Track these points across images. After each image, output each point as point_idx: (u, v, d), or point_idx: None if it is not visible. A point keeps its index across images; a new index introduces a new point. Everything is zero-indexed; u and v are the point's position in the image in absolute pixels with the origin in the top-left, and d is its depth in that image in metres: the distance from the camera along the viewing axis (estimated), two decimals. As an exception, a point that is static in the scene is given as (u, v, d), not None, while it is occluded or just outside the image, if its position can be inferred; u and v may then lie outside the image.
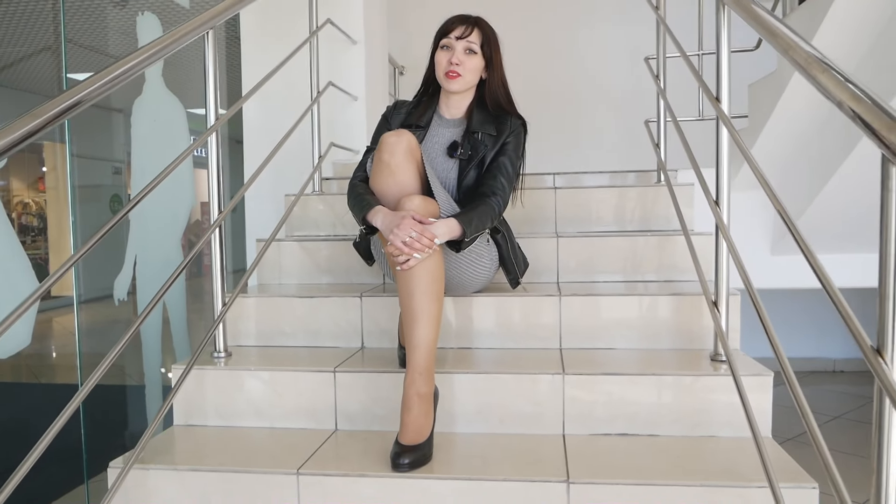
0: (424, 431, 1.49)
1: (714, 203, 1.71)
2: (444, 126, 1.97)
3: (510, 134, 1.89)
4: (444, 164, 1.92)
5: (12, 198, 8.82)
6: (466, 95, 1.95)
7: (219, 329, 1.87)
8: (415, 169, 1.67)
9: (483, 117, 1.92)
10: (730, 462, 1.49)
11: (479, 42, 1.86)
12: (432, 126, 1.97)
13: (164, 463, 1.54)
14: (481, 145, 1.88)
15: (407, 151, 1.65)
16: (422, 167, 1.69)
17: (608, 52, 4.88)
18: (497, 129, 1.89)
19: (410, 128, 1.93)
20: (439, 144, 1.94)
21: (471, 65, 1.86)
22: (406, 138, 1.66)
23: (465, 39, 1.85)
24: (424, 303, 1.53)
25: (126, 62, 1.47)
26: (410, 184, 1.65)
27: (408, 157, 1.65)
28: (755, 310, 1.35)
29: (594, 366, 1.72)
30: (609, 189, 2.45)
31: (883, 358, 0.92)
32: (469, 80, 1.89)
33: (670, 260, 2.20)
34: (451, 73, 1.85)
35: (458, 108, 1.96)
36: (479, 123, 1.91)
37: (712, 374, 1.64)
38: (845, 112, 0.99)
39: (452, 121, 1.97)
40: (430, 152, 1.94)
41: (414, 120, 1.96)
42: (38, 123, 1.19)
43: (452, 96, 1.94)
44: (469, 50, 1.86)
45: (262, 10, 2.98)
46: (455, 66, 1.85)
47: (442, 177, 1.91)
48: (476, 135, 1.89)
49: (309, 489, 1.46)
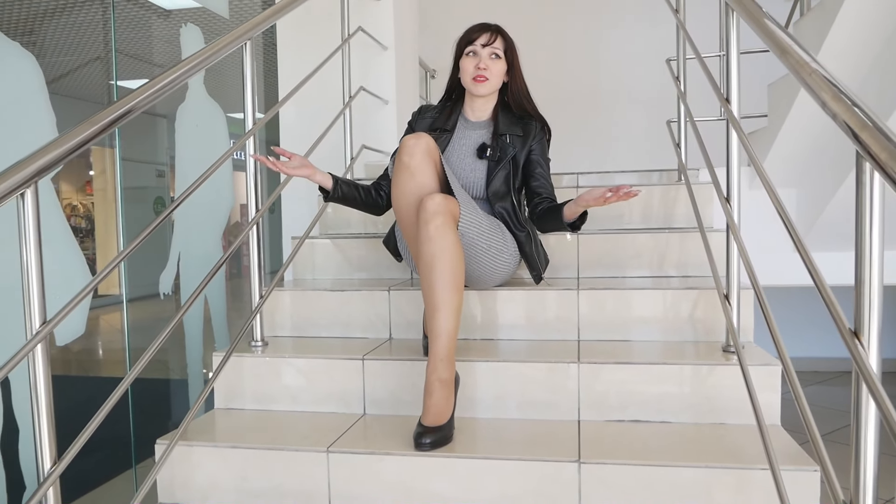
0: (445, 414, 1.59)
1: (725, 200, 1.77)
2: (470, 129, 2.09)
3: (535, 138, 2.03)
4: (472, 164, 2.04)
5: (62, 200, 9.16)
6: (491, 99, 2.08)
7: (256, 320, 2.00)
8: (433, 170, 1.77)
9: (509, 119, 2.06)
10: (735, 447, 1.56)
11: (502, 48, 2.00)
12: (458, 129, 2.10)
13: (206, 440, 1.67)
14: (509, 147, 2.01)
15: (425, 153, 1.75)
16: (440, 168, 1.80)
17: (636, 52, 4.93)
18: (523, 129, 2.04)
19: (436, 131, 2.06)
20: (467, 146, 2.06)
21: (496, 69, 2.00)
22: (424, 140, 1.76)
23: (491, 46, 1.99)
24: (445, 294, 1.62)
25: (172, 72, 1.60)
26: (429, 184, 1.76)
27: (426, 159, 1.75)
28: (759, 305, 1.42)
29: (608, 355, 1.80)
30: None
31: (860, 340, 0.99)
32: (495, 84, 2.02)
33: (689, 256, 2.27)
34: (480, 77, 1.99)
35: (484, 110, 2.10)
36: (505, 125, 2.05)
37: (722, 364, 1.71)
38: (827, 112, 1.06)
39: (478, 123, 2.10)
40: (459, 154, 2.06)
41: (440, 124, 2.09)
42: (94, 130, 1.33)
43: (477, 100, 2.07)
44: (494, 55, 2.00)
45: (297, 20, 3.12)
46: (482, 70, 1.98)
47: (470, 177, 2.03)
48: (504, 137, 2.02)
49: (338, 466, 1.58)
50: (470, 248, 1.84)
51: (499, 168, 2.01)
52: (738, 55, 1.75)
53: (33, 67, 1.92)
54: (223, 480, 1.64)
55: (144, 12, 3.25)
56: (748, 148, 1.52)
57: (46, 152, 1.22)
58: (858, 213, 0.98)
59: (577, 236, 2.31)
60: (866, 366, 0.96)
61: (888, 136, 0.92)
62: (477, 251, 1.88)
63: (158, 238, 3.06)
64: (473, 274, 1.95)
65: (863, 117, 0.97)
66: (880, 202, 0.98)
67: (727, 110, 1.72)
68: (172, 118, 2.90)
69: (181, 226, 2.82)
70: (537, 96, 2.12)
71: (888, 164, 0.90)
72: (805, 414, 1.15)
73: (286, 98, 2.24)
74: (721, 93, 1.79)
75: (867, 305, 0.99)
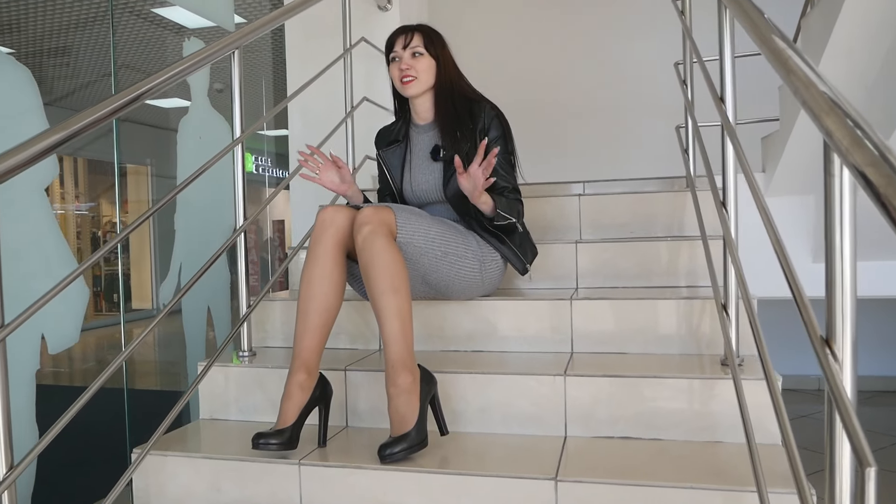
0: (409, 419, 1.52)
1: (721, 206, 1.69)
2: (421, 132, 2.10)
3: (488, 124, 1.97)
4: (429, 168, 2.03)
5: (101, 218, 9.41)
6: (428, 97, 2.06)
7: (244, 330, 1.98)
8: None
9: (451, 112, 2.01)
10: (729, 466, 1.47)
11: (422, 44, 1.99)
12: (411, 136, 2.11)
13: (180, 450, 1.65)
14: (462, 141, 1.96)
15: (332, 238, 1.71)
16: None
17: (650, 58, 4.78)
18: (472, 118, 1.98)
19: (392, 145, 2.10)
20: (422, 151, 2.06)
21: (421, 66, 1.99)
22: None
23: (410, 46, 1.99)
24: (383, 299, 1.58)
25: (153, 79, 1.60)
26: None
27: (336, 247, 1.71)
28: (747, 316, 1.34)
29: (597, 368, 1.73)
30: (634, 196, 2.45)
31: (831, 349, 0.91)
32: (425, 81, 2.00)
33: (697, 266, 2.17)
34: (406, 78, 1.98)
35: (426, 110, 2.08)
36: (451, 121, 2.00)
37: (719, 378, 1.62)
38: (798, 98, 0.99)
39: (426, 125, 2.09)
40: (416, 160, 2.07)
41: (395, 136, 2.12)
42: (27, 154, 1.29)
43: (417, 102, 2.06)
44: (415, 53, 1.99)
45: (306, 31, 3.13)
46: (406, 70, 1.97)
47: (429, 181, 2.03)
48: (455, 133, 1.98)
49: (309, 479, 1.53)
50: (422, 256, 1.80)
51: (453, 166, 1.96)
52: (733, 55, 1.68)
53: (28, 81, 1.95)
54: (197, 491, 1.61)
55: (155, 28, 3.31)
56: (738, 151, 1.45)
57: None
58: (828, 205, 0.92)
59: (576, 245, 2.24)
60: (834, 375, 0.88)
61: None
62: (432, 259, 1.83)
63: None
64: (440, 284, 1.91)
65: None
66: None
67: (720, 113, 1.64)
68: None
69: (182, 237, 2.83)
70: (542, 103, 2.07)
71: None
72: (785, 430, 1.07)
73: (274, 111, 2.24)
74: (717, 94, 1.71)
75: (839, 310, 0.91)
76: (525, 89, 4.77)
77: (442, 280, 1.90)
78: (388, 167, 2.12)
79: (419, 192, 2.06)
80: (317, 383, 1.64)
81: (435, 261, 1.84)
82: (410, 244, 1.77)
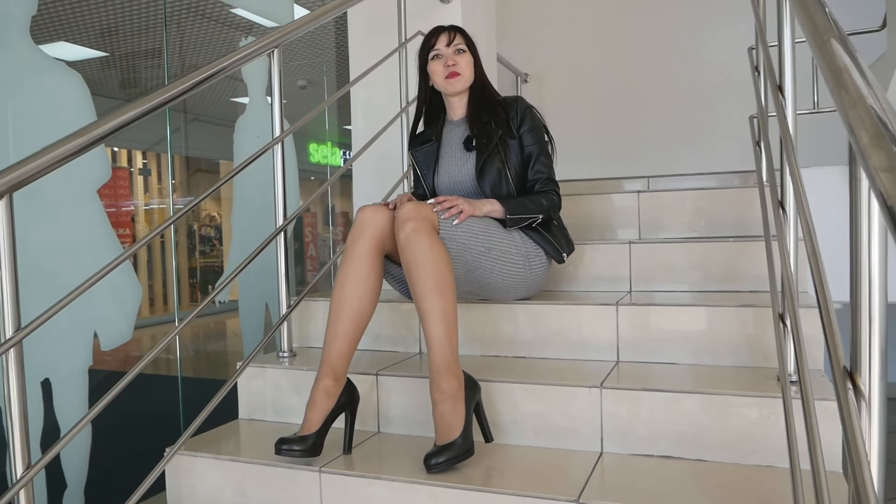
0: (455, 427, 1.47)
1: (778, 204, 1.53)
2: (455, 127, 2.08)
3: (520, 114, 1.98)
4: (462, 159, 2.01)
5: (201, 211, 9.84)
6: (465, 93, 2.06)
7: (283, 330, 1.98)
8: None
9: (485, 106, 2.01)
10: (776, 495, 1.32)
11: (465, 43, 2.00)
12: (445, 132, 2.08)
13: (211, 452, 1.66)
14: (494, 132, 1.96)
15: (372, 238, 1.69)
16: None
17: (717, 45, 4.47)
18: (504, 110, 1.99)
19: (427, 144, 2.08)
20: (455, 143, 2.04)
21: (465, 62, 1.99)
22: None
23: (454, 43, 1.99)
24: (428, 300, 1.52)
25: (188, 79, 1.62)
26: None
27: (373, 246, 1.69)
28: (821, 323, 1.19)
29: (638, 380, 1.61)
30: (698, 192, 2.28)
31: (853, 381, 0.78)
32: (468, 77, 2.01)
33: (758, 268, 2.00)
34: (452, 74, 1.97)
35: (462, 107, 2.06)
36: (485, 112, 2.00)
37: (769, 396, 1.47)
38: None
39: (460, 120, 2.07)
40: (449, 153, 2.05)
41: (427, 136, 2.11)
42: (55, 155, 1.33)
43: (453, 99, 2.05)
44: (459, 50, 1.99)
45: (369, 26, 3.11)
46: (452, 66, 1.97)
47: (462, 172, 2.00)
48: (487, 123, 1.98)
49: (329, 486, 1.50)
50: (465, 253, 1.75)
51: (487, 155, 1.94)
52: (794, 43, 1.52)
53: (80, 85, 2.01)
54: (223, 494, 1.62)
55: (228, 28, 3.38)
56: (788, 144, 1.29)
57: (18, 167, 1.25)
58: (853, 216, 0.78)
59: (629, 245, 2.11)
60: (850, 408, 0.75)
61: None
62: (475, 255, 1.77)
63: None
64: (483, 281, 1.83)
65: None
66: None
67: (776, 101, 1.48)
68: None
69: (238, 235, 2.88)
70: (608, 99, 1.98)
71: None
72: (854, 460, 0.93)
73: (321, 107, 2.22)
74: (775, 82, 1.55)
75: (867, 335, 0.78)
76: (593, 81, 4.60)
77: (485, 277, 1.84)
78: (420, 165, 2.10)
79: (452, 183, 2.03)
80: (343, 388, 1.60)
81: (479, 256, 1.79)
82: (453, 240, 1.72)
